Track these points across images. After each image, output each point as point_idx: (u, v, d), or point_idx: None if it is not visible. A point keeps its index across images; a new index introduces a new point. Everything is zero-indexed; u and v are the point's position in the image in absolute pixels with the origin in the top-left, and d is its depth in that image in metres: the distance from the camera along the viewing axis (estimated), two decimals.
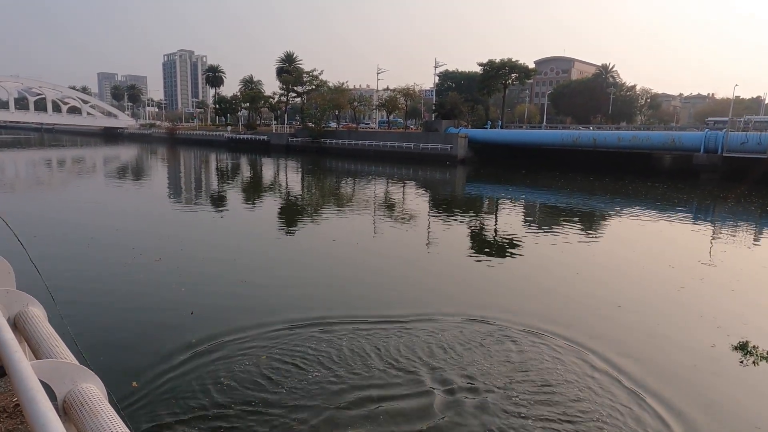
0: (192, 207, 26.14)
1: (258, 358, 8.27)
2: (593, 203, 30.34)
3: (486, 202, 31.53)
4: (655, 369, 8.29)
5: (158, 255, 14.75)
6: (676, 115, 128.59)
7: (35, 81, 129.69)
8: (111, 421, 2.21)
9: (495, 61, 73.46)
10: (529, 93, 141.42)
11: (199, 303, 10.71)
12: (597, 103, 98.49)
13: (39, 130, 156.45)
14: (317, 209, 26.52)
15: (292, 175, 47.86)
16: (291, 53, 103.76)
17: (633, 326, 10.21)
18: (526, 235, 19.94)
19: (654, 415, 6.88)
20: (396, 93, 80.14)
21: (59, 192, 32.15)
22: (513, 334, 9.51)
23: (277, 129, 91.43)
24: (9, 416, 2.83)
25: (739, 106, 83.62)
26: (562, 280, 13.43)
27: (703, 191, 36.97)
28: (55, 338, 3.03)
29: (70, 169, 50.09)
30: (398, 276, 13.76)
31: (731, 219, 25.81)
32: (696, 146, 45.78)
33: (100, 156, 69.73)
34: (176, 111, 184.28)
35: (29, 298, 3.68)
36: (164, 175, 46.62)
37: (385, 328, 9.56)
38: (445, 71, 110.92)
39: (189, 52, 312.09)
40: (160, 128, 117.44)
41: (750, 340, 9.40)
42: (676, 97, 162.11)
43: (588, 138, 54.21)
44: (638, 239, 20.08)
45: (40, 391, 2.13)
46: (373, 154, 67.29)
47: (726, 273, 14.70)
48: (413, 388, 7.45)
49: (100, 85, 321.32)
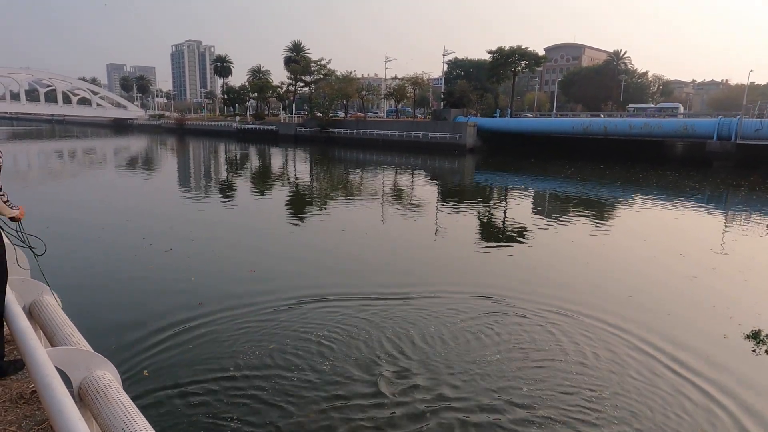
0: (203, 197, 26.29)
1: (269, 348, 8.35)
2: (604, 192, 30.08)
3: (495, 191, 31.37)
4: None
5: (169, 245, 14.87)
6: (689, 101, 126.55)
7: (45, 72, 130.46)
8: (126, 408, 2.25)
9: (504, 49, 72.59)
10: (538, 81, 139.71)
11: (209, 293, 10.81)
12: (608, 90, 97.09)
13: (50, 122, 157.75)
14: (326, 199, 26.56)
15: (301, 166, 47.90)
16: (298, 42, 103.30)
17: (644, 315, 10.14)
18: (534, 224, 19.83)
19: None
20: (404, 82, 79.63)
21: (71, 183, 32.48)
22: (524, 312, 9.64)
23: (286, 119, 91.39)
24: (26, 402, 2.88)
25: (755, 92, 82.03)
26: (569, 270, 13.35)
27: (716, 179, 36.47)
28: (69, 326, 3.08)
29: (81, 160, 50.51)
30: (408, 262, 13.75)
31: (744, 207, 25.47)
32: (709, 133, 45.10)
33: (111, 147, 70.21)
34: (185, 101, 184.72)
35: (43, 287, 3.74)
36: (174, 166, 46.88)
37: (394, 305, 9.63)
38: (454, 59, 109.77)
39: (197, 43, 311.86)
40: (169, 119, 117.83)
41: (762, 329, 9.34)
42: (688, 84, 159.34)
43: (599, 126, 53.60)
44: (649, 228, 19.90)
45: (56, 377, 2.17)
46: (381, 144, 67.09)
47: (738, 262, 14.54)
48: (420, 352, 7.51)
49: (109, 77, 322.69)
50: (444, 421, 6.44)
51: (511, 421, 6.45)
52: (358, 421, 6.38)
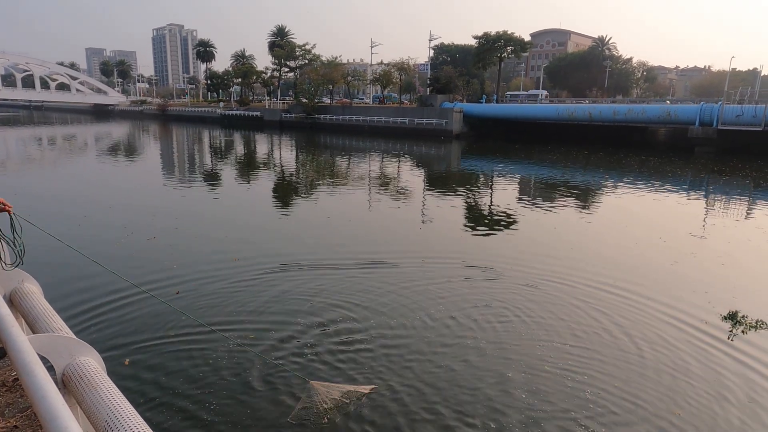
0: (186, 185, 25.98)
1: (249, 337, 8.36)
2: (587, 177, 30.39)
3: (481, 177, 31.49)
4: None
5: (152, 234, 14.72)
6: (672, 88, 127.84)
7: (22, 56, 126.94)
8: (110, 393, 2.25)
9: (490, 34, 72.41)
10: (524, 66, 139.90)
11: (188, 283, 10.73)
12: (593, 76, 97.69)
13: (27, 108, 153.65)
14: (311, 186, 26.44)
15: (286, 152, 47.50)
16: (283, 27, 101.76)
17: (623, 303, 10.34)
18: (517, 209, 19.99)
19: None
20: (390, 67, 79.09)
21: (51, 170, 31.81)
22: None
23: (270, 105, 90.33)
24: (8, 390, 2.86)
25: (736, 78, 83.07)
26: (551, 257, 13.46)
27: (698, 165, 37.05)
28: (51, 313, 3.05)
29: (61, 146, 49.45)
30: (395, 249, 13.80)
31: (724, 192, 25.96)
32: (691, 119, 45.67)
33: (92, 133, 68.80)
34: (167, 87, 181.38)
35: (24, 274, 3.68)
36: (157, 153, 46.13)
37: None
38: (440, 44, 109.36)
39: (179, 26, 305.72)
40: (152, 105, 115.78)
41: (739, 310, 9.61)
42: (672, 70, 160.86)
43: (584, 112, 53.95)
44: (631, 213, 20.19)
45: (38, 364, 2.16)
46: (367, 130, 66.79)
47: (717, 246, 14.87)
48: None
49: (88, 61, 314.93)
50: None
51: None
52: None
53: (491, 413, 6.37)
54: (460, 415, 6.33)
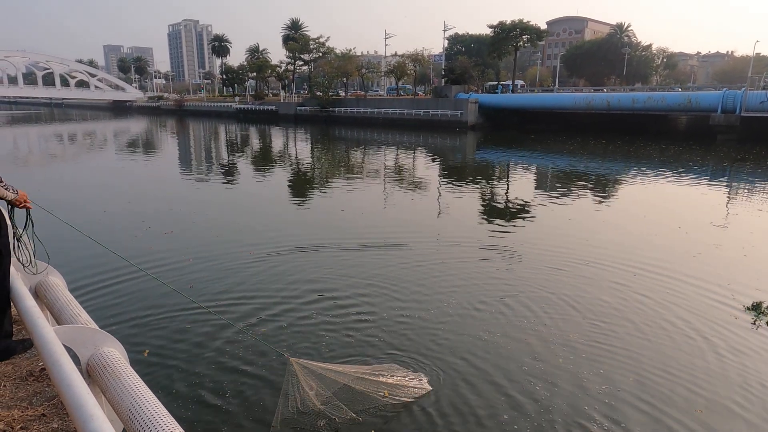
0: (204, 179, 26.27)
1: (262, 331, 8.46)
2: (606, 167, 29.94)
3: (497, 169, 31.25)
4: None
5: (169, 228, 14.94)
6: (693, 74, 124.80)
7: (42, 55, 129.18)
8: (133, 383, 2.30)
9: (506, 23, 71.39)
10: (540, 55, 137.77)
11: (204, 275, 10.88)
12: (611, 64, 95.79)
13: (48, 105, 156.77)
14: (327, 180, 26.53)
15: (302, 145, 47.70)
16: (297, 20, 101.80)
17: (645, 296, 10.21)
18: (534, 200, 19.79)
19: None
20: (404, 58, 78.68)
21: (71, 166, 32.44)
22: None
23: (285, 98, 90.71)
24: (36, 379, 2.95)
25: (760, 63, 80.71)
26: (568, 249, 13.28)
27: (719, 153, 36.21)
28: (75, 305, 3.13)
29: (82, 143, 50.36)
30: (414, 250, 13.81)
31: (748, 181, 25.36)
32: (713, 106, 44.62)
33: (111, 129, 69.89)
34: (183, 82, 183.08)
35: (49, 267, 3.78)
36: (175, 148, 46.73)
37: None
38: (455, 35, 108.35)
39: (194, 22, 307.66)
40: (168, 100, 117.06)
41: (763, 301, 9.42)
42: (693, 56, 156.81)
43: (602, 100, 53.08)
44: (651, 203, 19.85)
45: (63, 354, 2.22)
46: (382, 122, 66.67)
47: (740, 237, 14.55)
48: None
49: (106, 58, 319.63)
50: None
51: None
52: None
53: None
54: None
